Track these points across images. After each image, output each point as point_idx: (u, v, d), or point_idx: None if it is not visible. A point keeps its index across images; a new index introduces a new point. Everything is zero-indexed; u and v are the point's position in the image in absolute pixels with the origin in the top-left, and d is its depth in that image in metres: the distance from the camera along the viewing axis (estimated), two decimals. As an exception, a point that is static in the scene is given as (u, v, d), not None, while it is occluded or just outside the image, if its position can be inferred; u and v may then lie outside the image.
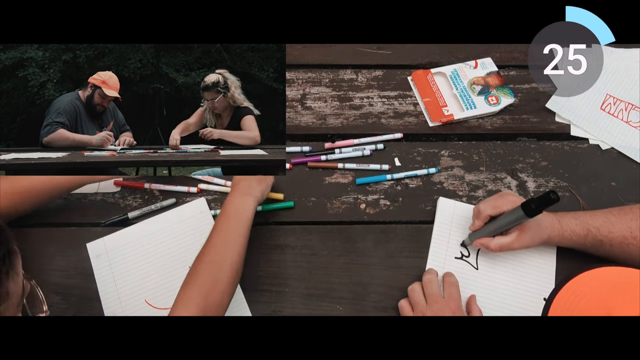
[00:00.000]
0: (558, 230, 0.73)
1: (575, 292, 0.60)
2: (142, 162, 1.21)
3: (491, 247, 0.74)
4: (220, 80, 1.37)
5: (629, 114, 0.92)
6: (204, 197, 0.85)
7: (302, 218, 0.84)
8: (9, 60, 2.04)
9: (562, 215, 0.74)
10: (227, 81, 1.38)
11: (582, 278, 0.62)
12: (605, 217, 0.73)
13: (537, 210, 0.66)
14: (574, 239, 0.73)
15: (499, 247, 0.73)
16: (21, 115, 2.15)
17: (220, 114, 1.43)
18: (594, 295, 0.59)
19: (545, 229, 0.73)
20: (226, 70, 1.40)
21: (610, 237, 0.71)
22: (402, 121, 0.94)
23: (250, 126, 1.39)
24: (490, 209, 0.73)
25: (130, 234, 0.81)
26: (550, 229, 0.73)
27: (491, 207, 0.73)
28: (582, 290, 0.60)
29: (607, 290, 0.59)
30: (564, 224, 0.73)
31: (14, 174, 0.96)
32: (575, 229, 0.73)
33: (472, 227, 0.77)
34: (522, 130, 0.93)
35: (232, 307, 0.75)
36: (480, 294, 0.76)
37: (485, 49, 1.01)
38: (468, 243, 0.79)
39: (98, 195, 0.86)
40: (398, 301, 0.75)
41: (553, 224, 0.73)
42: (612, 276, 0.61)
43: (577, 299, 0.60)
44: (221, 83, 1.37)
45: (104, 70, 1.42)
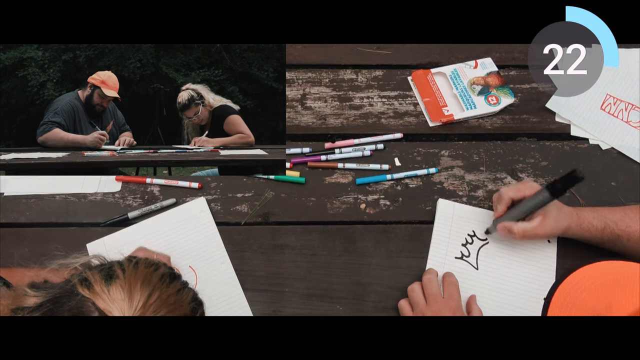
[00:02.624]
0: (576, 221, 0.73)
1: (577, 285, 0.61)
2: (142, 162, 1.21)
3: (514, 231, 0.72)
4: (194, 94, 1.37)
5: (629, 114, 0.92)
6: (204, 196, 0.85)
7: (302, 218, 0.84)
8: (9, 60, 2.04)
9: (580, 208, 0.74)
10: (198, 92, 1.38)
11: (583, 271, 0.62)
12: (623, 212, 0.73)
13: (563, 189, 0.65)
14: (592, 231, 0.73)
15: (522, 232, 0.72)
16: (21, 115, 2.15)
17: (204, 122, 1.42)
18: (594, 289, 0.60)
19: (565, 217, 0.72)
20: (189, 83, 1.41)
21: (628, 231, 0.71)
22: (402, 121, 0.94)
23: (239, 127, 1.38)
24: (513, 192, 0.73)
25: (130, 234, 0.81)
26: (570, 218, 0.72)
27: (514, 190, 0.73)
28: (583, 283, 0.61)
29: (608, 284, 0.60)
30: (581, 216, 0.73)
31: (14, 174, 0.96)
32: (593, 222, 0.72)
33: (495, 214, 0.76)
34: (522, 130, 0.93)
35: (233, 307, 0.75)
36: (480, 294, 0.76)
37: (485, 49, 1.01)
38: (492, 230, 0.78)
39: (98, 195, 0.86)
40: (398, 301, 0.75)
41: (572, 215, 0.73)
42: (613, 270, 0.62)
43: (578, 292, 0.60)
44: (195, 96, 1.37)
45: (103, 70, 1.42)
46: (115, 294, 0.49)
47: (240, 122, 1.38)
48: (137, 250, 0.75)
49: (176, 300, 0.52)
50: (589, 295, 0.59)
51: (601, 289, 0.59)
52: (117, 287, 0.49)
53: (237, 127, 1.36)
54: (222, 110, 1.38)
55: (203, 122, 1.40)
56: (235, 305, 0.75)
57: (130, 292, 0.49)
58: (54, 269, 0.56)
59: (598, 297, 0.59)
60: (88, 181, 0.87)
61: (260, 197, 0.86)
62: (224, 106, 1.39)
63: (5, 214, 0.84)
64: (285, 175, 0.87)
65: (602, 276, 0.61)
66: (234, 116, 1.37)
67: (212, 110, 1.38)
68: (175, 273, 0.56)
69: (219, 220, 0.83)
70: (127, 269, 0.51)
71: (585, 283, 0.61)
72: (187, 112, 1.37)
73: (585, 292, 0.60)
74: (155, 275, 0.52)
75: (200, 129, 1.41)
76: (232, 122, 1.37)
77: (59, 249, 0.58)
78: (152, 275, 0.52)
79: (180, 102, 1.36)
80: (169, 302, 0.51)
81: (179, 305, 0.52)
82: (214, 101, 1.38)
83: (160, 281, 0.52)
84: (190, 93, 1.35)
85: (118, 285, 0.49)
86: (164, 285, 0.52)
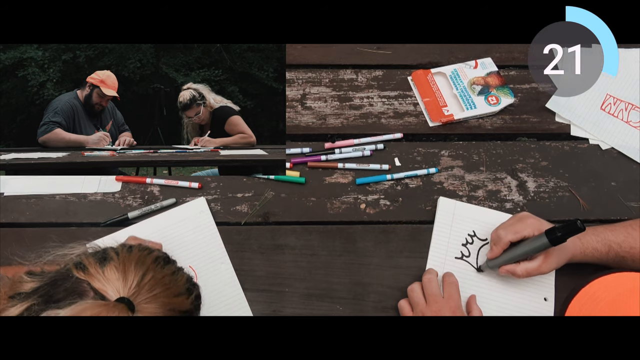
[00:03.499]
0: (580, 248, 0.71)
1: (593, 297, 0.61)
2: (142, 162, 1.21)
3: (517, 274, 0.71)
4: (195, 93, 1.37)
5: (629, 114, 0.92)
6: (203, 196, 0.85)
7: (302, 218, 0.84)
8: (9, 60, 2.04)
9: (582, 234, 0.71)
10: (200, 92, 1.38)
11: (599, 283, 0.63)
12: (626, 232, 0.71)
13: (562, 238, 0.65)
14: (596, 255, 0.72)
15: (526, 273, 0.71)
16: (21, 115, 2.15)
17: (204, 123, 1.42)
18: (610, 300, 0.60)
19: (568, 250, 0.71)
20: (190, 82, 1.40)
21: (632, 252, 0.70)
22: (402, 121, 0.94)
23: (240, 127, 1.38)
24: (512, 234, 0.71)
25: (130, 234, 0.81)
26: (573, 248, 0.71)
27: (512, 232, 0.71)
28: (599, 294, 0.61)
29: (624, 295, 0.60)
30: (584, 242, 0.72)
31: (14, 174, 0.96)
32: (597, 246, 0.71)
33: (490, 254, 0.74)
34: (522, 130, 0.93)
35: (233, 307, 0.75)
36: (481, 294, 0.76)
37: (485, 49, 1.01)
38: (486, 268, 0.77)
39: (98, 195, 0.86)
40: (398, 301, 0.75)
41: (575, 243, 0.71)
42: (628, 281, 0.62)
43: (594, 303, 0.61)
44: (197, 96, 1.37)
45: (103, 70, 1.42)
46: (110, 274, 0.49)
47: (242, 122, 1.38)
48: (129, 238, 0.74)
49: (171, 281, 0.53)
50: (605, 306, 0.60)
51: (617, 301, 0.60)
52: (111, 268, 0.50)
53: (238, 128, 1.36)
54: (223, 111, 1.38)
55: (203, 122, 1.40)
56: (235, 305, 0.75)
57: (125, 272, 0.49)
58: (50, 261, 0.57)
59: (614, 309, 0.59)
60: (88, 181, 0.87)
61: (260, 197, 0.86)
62: (224, 107, 1.39)
63: (5, 214, 0.84)
64: (285, 175, 0.87)
65: (618, 288, 0.61)
66: (235, 117, 1.37)
67: (213, 110, 1.38)
68: (169, 257, 0.56)
69: (219, 220, 0.83)
70: (120, 252, 0.52)
71: (602, 294, 0.61)
72: (187, 112, 1.36)
73: (602, 304, 0.60)
74: (150, 257, 0.53)
75: (200, 129, 1.41)
76: (233, 122, 1.37)
77: (53, 239, 0.58)
78: (146, 257, 0.52)
79: (181, 101, 1.35)
80: (164, 282, 0.51)
81: (173, 285, 0.53)
82: (215, 102, 1.38)
83: (154, 262, 0.52)
84: (192, 93, 1.35)
85: (112, 267, 0.50)
86: (159, 267, 0.52)
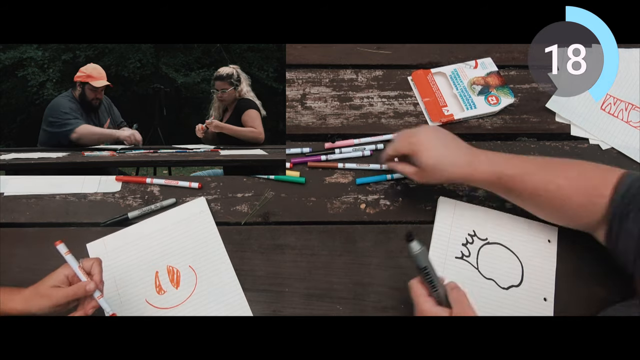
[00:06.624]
0: (468, 172, 0.72)
1: None
2: (142, 162, 1.21)
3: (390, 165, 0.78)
4: (234, 73, 1.40)
5: (629, 114, 0.92)
6: (204, 196, 0.85)
7: (302, 218, 0.84)
8: (9, 60, 2.05)
9: (478, 155, 0.73)
10: (240, 75, 1.41)
11: None
12: (522, 168, 0.71)
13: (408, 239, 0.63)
14: (482, 181, 0.73)
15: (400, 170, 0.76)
16: (21, 115, 2.16)
17: (228, 106, 1.44)
18: None
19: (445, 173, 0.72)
20: (238, 67, 1.43)
21: (521, 187, 0.71)
22: (402, 121, 0.94)
23: (254, 122, 1.40)
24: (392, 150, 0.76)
25: (130, 234, 0.81)
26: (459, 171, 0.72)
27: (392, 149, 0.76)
28: None
29: None
30: (476, 166, 0.72)
31: (14, 174, 0.96)
32: (486, 174, 0.72)
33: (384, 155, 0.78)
34: (522, 130, 0.93)
35: (233, 307, 0.76)
36: (481, 294, 0.76)
37: (485, 49, 1.01)
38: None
39: (98, 195, 0.86)
40: (398, 301, 0.75)
41: (462, 169, 0.72)
42: None
43: None
44: (234, 76, 1.40)
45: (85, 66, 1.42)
46: None
47: (257, 117, 1.41)
48: (64, 266, 0.66)
49: None
50: None
51: None
52: None
53: (252, 121, 1.39)
54: (246, 102, 1.40)
55: (225, 102, 1.44)
56: (235, 305, 0.75)
57: None
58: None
59: None
60: (88, 181, 0.87)
61: (260, 197, 0.86)
62: (249, 100, 1.42)
63: (5, 214, 0.84)
64: (285, 175, 0.87)
65: None
66: (253, 111, 1.40)
67: (239, 99, 1.41)
68: None
69: (219, 220, 0.83)
70: None
71: None
72: (218, 83, 1.40)
73: None
74: None
75: (222, 112, 1.44)
76: (249, 115, 1.40)
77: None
78: None
79: (220, 72, 1.39)
80: None
81: None
82: (245, 92, 1.41)
83: None
84: (232, 71, 1.39)
85: None
86: None
